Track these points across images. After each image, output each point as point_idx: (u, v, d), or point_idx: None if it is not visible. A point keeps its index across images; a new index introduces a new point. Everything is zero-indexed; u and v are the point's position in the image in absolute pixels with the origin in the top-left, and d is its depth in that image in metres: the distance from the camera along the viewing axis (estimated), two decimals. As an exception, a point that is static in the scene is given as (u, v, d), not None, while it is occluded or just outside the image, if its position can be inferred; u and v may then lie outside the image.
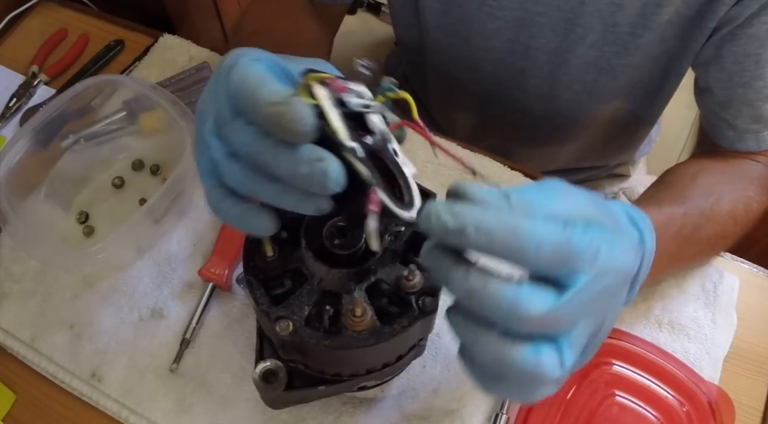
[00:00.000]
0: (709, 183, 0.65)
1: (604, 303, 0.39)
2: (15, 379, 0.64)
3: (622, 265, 0.38)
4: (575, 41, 0.72)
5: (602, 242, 0.36)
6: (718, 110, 0.70)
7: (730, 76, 0.66)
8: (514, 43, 0.75)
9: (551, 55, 0.75)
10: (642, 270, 0.44)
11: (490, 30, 0.74)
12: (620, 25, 0.69)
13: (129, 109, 0.75)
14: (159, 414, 0.61)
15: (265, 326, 0.51)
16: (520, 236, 0.34)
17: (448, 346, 0.64)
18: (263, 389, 0.51)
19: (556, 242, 0.34)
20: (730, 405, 0.61)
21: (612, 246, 0.36)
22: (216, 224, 0.71)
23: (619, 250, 0.37)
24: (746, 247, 0.69)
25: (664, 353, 0.63)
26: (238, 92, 0.38)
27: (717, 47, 0.67)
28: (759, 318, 0.67)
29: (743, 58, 0.65)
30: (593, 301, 0.37)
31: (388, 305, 0.49)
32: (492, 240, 0.34)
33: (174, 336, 0.64)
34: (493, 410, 0.61)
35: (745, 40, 0.64)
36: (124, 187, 0.74)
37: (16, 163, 0.66)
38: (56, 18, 0.92)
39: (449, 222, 0.34)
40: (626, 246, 0.39)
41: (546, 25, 0.72)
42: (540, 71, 0.78)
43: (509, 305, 0.34)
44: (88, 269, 0.68)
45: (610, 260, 0.36)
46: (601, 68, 0.74)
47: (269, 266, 0.49)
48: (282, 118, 0.35)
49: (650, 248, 0.45)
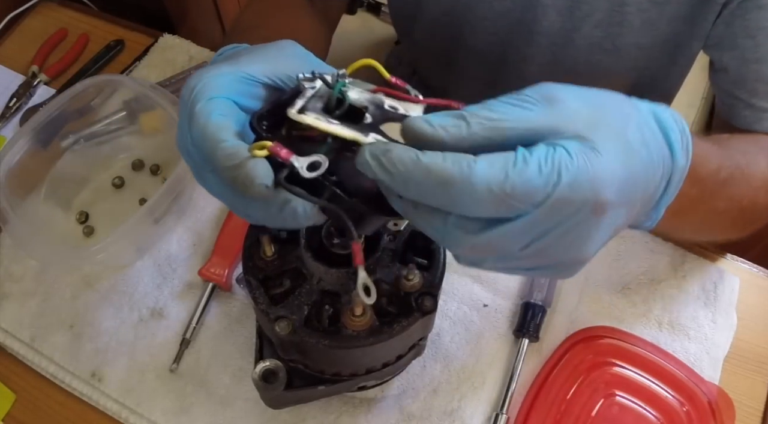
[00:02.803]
0: (744, 145, 0.59)
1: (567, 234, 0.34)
2: (15, 379, 0.64)
3: (603, 192, 0.33)
4: (580, 20, 0.71)
5: (566, 169, 0.32)
6: (733, 90, 0.68)
7: (743, 52, 0.65)
8: (519, 24, 0.74)
9: (555, 37, 0.74)
10: (669, 191, 0.39)
11: (497, 12, 0.73)
12: (627, 4, 0.68)
13: (129, 109, 0.75)
14: (159, 414, 0.61)
15: (264, 326, 0.51)
16: (448, 187, 0.32)
17: (448, 346, 0.64)
18: (263, 388, 0.51)
19: (494, 188, 0.31)
20: (730, 405, 0.61)
21: (589, 172, 0.32)
22: (216, 224, 0.71)
23: (606, 174, 0.33)
24: (746, 247, 0.69)
25: (664, 353, 0.63)
26: (200, 147, 0.38)
27: (728, 24, 0.65)
28: (759, 318, 0.67)
29: (755, 32, 0.63)
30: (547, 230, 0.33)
31: (387, 305, 0.49)
32: (421, 194, 0.32)
33: (174, 336, 0.64)
34: (493, 410, 0.61)
35: (756, 13, 0.62)
36: (124, 187, 0.74)
37: (16, 163, 0.66)
38: (56, 18, 0.92)
39: (378, 174, 0.33)
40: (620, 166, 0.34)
41: (551, 5, 0.71)
42: (543, 54, 0.77)
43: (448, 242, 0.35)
44: (88, 269, 0.68)
45: (575, 191, 0.32)
46: (606, 50, 0.74)
47: (268, 265, 0.49)
48: (237, 180, 0.36)
49: (681, 165, 0.39)
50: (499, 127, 0.33)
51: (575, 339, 0.64)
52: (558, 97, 0.35)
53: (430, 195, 0.32)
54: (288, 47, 0.45)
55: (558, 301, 0.66)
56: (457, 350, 0.64)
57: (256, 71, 0.41)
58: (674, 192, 0.39)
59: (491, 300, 0.66)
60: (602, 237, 0.35)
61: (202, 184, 0.41)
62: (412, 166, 0.32)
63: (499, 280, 0.67)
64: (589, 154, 0.32)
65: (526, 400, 0.61)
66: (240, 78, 0.41)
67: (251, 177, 0.35)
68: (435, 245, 0.51)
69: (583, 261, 0.36)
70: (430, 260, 0.50)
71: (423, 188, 0.32)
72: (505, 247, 0.34)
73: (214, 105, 0.38)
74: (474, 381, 0.62)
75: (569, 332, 0.64)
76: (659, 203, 0.40)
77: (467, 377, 0.62)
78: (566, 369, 0.62)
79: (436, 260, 0.50)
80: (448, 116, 0.33)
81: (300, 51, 0.45)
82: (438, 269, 0.50)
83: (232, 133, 0.37)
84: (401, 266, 0.49)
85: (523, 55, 0.77)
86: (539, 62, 0.77)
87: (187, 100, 0.39)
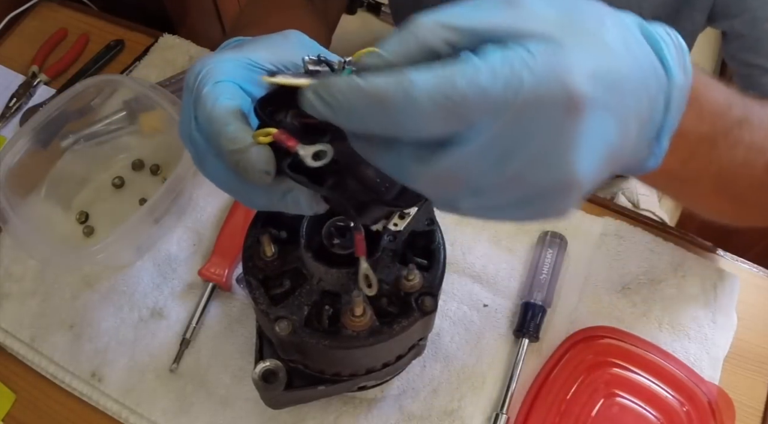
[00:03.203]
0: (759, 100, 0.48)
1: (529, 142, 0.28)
2: (15, 379, 0.64)
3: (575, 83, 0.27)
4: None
5: (528, 70, 0.27)
6: (749, 58, 0.67)
7: (753, 12, 0.64)
8: None
9: None
10: (670, 113, 0.34)
11: None
12: None
13: (129, 109, 0.75)
14: (159, 414, 0.61)
15: (264, 326, 0.51)
16: (388, 106, 0.28)
17: (448, 346, 0.64)
18: (263, 389, 0.51)
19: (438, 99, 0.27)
20: (730, 405, 0.61)
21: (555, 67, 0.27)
22: (216, 224, 0.71)
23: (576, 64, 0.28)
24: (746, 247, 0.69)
25: (664, 353, 0.63)
26: (205, 131, 0.38)
27: None
28: (759, 318, 0.67)
29: None
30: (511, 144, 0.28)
31: (387, 305, 0.49)
32: (366, 123, 0.29)
33: (174, 336, 0.64)
34: (493, 410, 0.61)
35: None
36: (124, 187, 0.74)
37: (16, 163, 0.66)
38: (56, 18, 0.92)
39: (322, 110, 0.30)
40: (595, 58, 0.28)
41: None
42: None
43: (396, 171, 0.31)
44: (88, 269, 0.68)
45: (540, 89, 0.27)
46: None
47: (268, 266, 0.49)
48: (240, 165, 0.36)
49: (679, 83, 0.33)
50: (450, 32, 0.29)
51: (575, 339, 0.64)
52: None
53: (375, 122, 0.29)
54: (293, 36, 0.44)
55: (558, 301, 0.66)
56: (457, 350, 0.64)
57: (261, 58, 0.41)
58: (676, 116, 0.34)
59: (491, 300, 0.66)
60: (588, 147, 0.29)
61: (202, 170, 0.40)
62: (350, 94, 0.28)
63: (499, 280, 0.67)
64: (556, 50, 0.27)
65: (526, 400, 0.61)
66: (245, 64, 0.40)
67: (254, 163, 0.35)
68: (435, 245, 0.51)
69: (569, 183, 0.30)
70: (430, 260, 0.50)
71: (366, 116, 0.29)
72: (471, 173, 0.29)
73: (221, 88, 0.38)
74: (474, 381, 0.62)
75: (569, 332, 0.64)
76: (661, 130, 0.34)
77: (467, 377, 0.62)
78: (566, 369, 0.62)
79: (436, 260, 0.50)
80: (395, 34, 0.30)
81: (305, 40, 0.44)
82: (438, 269, 0.50)
83: (239, 116, 0.37)
84: (401, 266, 0.49)
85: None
86: None
87: (192, 85, 0.39)
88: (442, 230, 0.52)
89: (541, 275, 0.65)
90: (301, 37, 0.44)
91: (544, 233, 0.69)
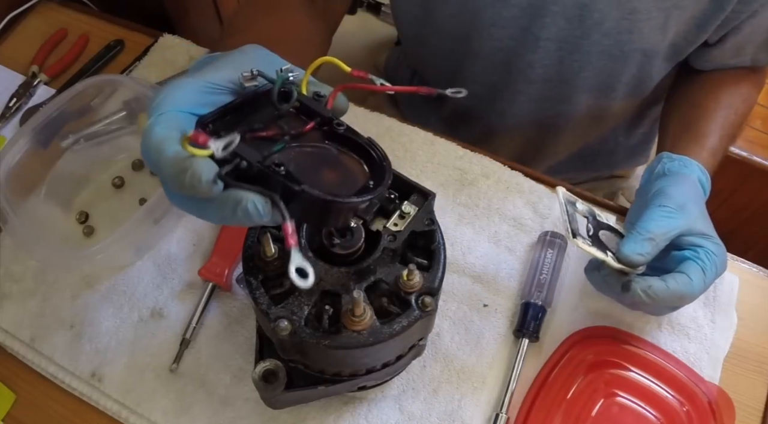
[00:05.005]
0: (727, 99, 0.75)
1: None
2: (15, 379, 0.64)
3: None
4: (590, 28, 0.70)
5: (721, 264, 0.59)
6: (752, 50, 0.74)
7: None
8: (526, 30, 0.73)
9: (562, 43, 0.73)
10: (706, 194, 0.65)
11: (505, 18, 0.73)
12: (638, 11, 0.68)
13: (129, 109, 0.75)
14: (159, 414, 0.61)
15: (264, 326, 0.51)
16: (685, 300, 0.59)
17: (448, 346, 0.64)
18: (263, 389, 0.51)
19: (698, 294, 0.58)
20: (730, 405, 0.61)
21: (724, 256, 0.59)
22: (216, 224, 0.71)
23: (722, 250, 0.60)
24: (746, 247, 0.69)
25: (664, 353, 0.63)
26: (150, 163, 0.40)
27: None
28: (759, 318, 0.67)
29: None
30: None
31: (387, 305, 0.49)
32: (668, 304, 0.60)
33: (174, 336, 0.64)
34: (494, 410, 0.61)
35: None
36: (124, 187, 0.74)
37: (16, 163, 0.66)
38: (56, 18, 0.92)
39: (646, 301, 0.55)
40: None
41: (560, 13, 0.70)
42: (549, 59, 0.76)
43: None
44: (88, 269, 0.68)
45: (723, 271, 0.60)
46: (613, 55, 0.73)
47: (269, 265, 0.49)
48: (184, 185, 0.37)
49: (706, 183, 0.65)
50: (669, 236, 0.56)
51: (575, 339, 0.64)
52: (686, 206, 0.58)
53: (672, 303, 0.58)
54: (251, 51, 0.46)
55: (558, 301, 0.66)
56: (457, 350, 0.64)
57: (220, 79, 0.43)
58: (708, 190, 0.65)
59: (491, 300, 0.66)
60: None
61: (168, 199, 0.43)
62: (663, 294, 0.55)
63: (499, 280, 0.67)
64: (715, 242, 0.58)
65: (526, 400, 0.61)
66: (203, 88, 0.42)
67: (197, 176, 0.37)
68: (435, 245, 0.51)
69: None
70: (430, 260, 0.50)
71: (670, 302, 0.56)
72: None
73: (160, 120, 0.40)
74: (474, 381, 0.62)
75: (569, 332, 0.64)
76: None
77: (467, 377, 0.62)
78: (566, 369, 0.62)
79: (436, 260, 0.50)
80: (645, 243, 0.55)
81: (263, 53, 0.47)
82: (438, 269, 0.50)
83: (175, 142, 0.39)
84: (401, 266, 0.49)
85: (529, 60, 0.77)
86: (544, 65, 0.77)
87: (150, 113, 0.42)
88: (442, 230, 0.52)
89: (542, 275, 0.65)
90: (259, 50, 0.47)
91: (544, 233, 0.69)
